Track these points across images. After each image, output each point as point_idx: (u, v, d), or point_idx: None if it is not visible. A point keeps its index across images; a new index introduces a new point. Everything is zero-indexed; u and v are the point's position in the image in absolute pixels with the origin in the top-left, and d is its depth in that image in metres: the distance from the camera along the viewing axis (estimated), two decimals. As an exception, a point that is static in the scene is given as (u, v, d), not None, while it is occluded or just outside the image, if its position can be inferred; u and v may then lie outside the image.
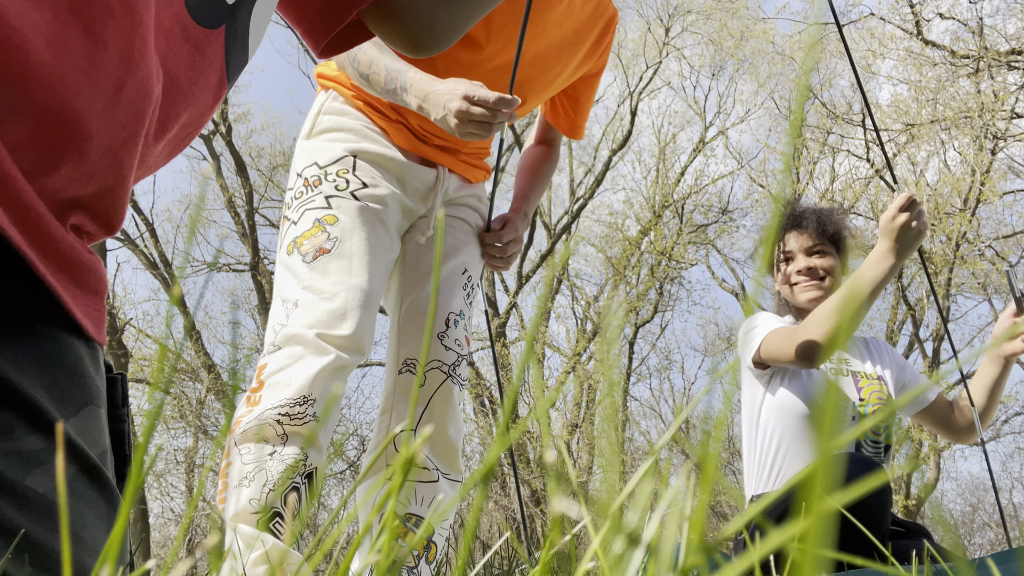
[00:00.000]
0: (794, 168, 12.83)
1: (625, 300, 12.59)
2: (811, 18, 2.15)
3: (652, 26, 12.86)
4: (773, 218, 0.20)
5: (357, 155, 1.42)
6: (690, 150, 13.69)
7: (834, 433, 0.15)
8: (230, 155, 11.76)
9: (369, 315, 1.30)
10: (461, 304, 1.50)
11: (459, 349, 1.46)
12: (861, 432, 0.22)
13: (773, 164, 13.11)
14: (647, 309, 13.51)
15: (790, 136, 0.20)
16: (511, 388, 0.21)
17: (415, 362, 1.43)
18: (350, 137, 1.44)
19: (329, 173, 1.39)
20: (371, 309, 1.31)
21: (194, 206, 0.30)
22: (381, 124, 1.47)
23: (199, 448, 11.45)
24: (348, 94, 1.49)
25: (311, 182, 1.39)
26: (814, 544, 0.15)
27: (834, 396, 0.16)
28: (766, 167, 12.84)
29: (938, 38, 9.53)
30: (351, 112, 1.48)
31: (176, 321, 11.47)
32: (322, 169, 1.40)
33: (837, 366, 0.24)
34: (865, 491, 0.17)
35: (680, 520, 0.24)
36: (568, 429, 12.59)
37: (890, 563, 1.76)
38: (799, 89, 0.17)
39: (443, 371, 1.42)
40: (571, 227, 12.92)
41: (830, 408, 0.15)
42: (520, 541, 1.83)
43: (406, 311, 1.47)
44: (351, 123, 1.46)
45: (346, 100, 1.49)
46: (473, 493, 0.22)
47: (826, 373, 1.88)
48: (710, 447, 0.20)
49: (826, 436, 0.15)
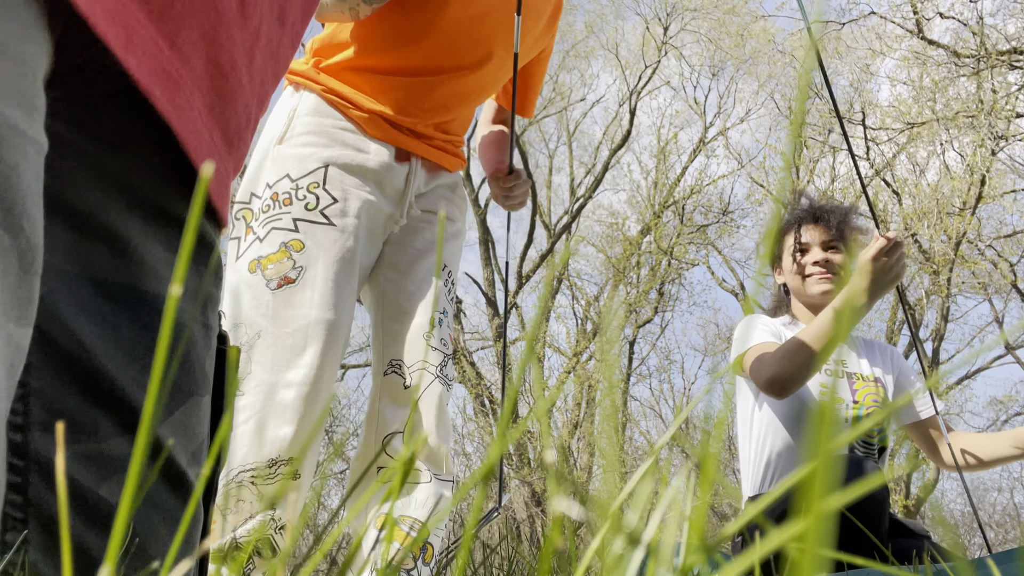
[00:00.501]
0: (794, 167, 12.83)
1: (625, 300, 12.59)
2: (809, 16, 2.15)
3: (650, 25, 12.87)
4: (774, 217, 0.20)
5: (330, 165, 1.39)
6: (690, 150, 13.70)
7: (830, 436, 0.15)
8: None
9: (332, 348, 1.30)
10: (444, 302, 1.50)
11: (445, 349, 1.46)
12: (855, 436, 0.22)
13: (774, 163, 13.10)
14: (647, 309, 13.51)
15: (791, 135, 0.20)
16: (511, 388, 0.21)
17: (400, 363, 1.42)
18: (322, 142, 1.41)
19: (300, 188, 1.36)
20: (335, 341, 1.30)
21: (193, 203, 0.30)
22: (355, 117, 1.45)
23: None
24: (318, 88, 1.46)
25: (281, 198, 1.36)
26: (813, 544, 0.15)
27: (831, 399, 0.16)
28: (766, 166, 12.83)
29: (938, 37, 9.52)
30: (324, 110, 1.44)
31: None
32: (294, 183, 1.37)
33: (834, 368, 0.24)
34: (860, 493, 0.17)
35: (680, 520, 0.24)
36: (568, 429, 12.59)
37: (890, 563, 1.76)
38: (800, 88, 0.17)
39: (431, 372, 1.42)
40: (571, 227, 12.92)
41: (828, 409, 0.15)
42: (520, 541, 1.83)
43: (388, 311, 1.46)
44: (325, 124, 1.43)
45: (319, 95, 1.46)
46: (473, 493, 0.22)
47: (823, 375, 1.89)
48: (710, 447, 0.20)
49: (823, 438, 0.15)
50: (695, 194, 13.46)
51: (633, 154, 14.40)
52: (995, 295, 11.37)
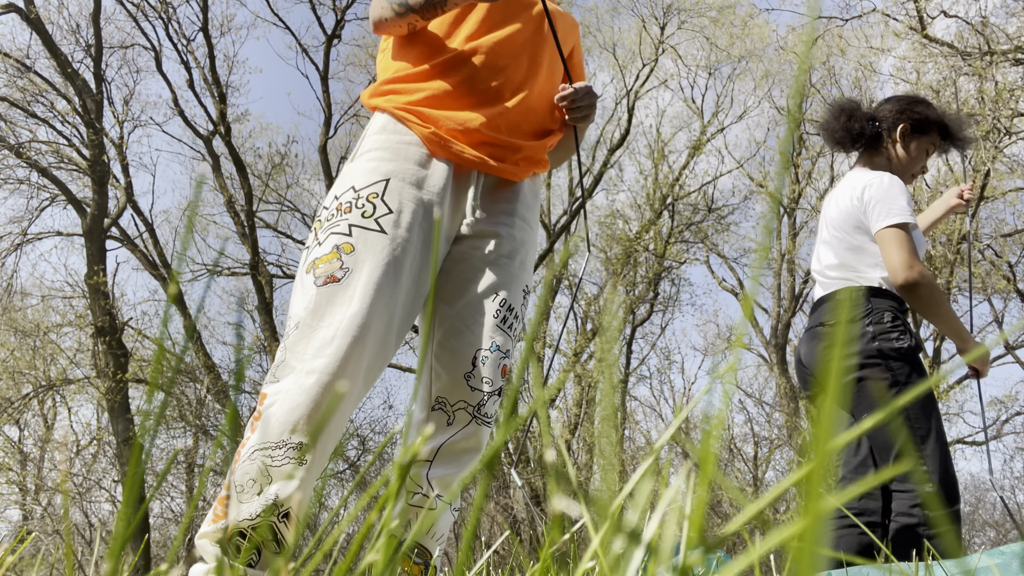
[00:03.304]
0: (793, 167, 12.83)
1: (625, 299, 12.59)
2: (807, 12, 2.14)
3: (647, 24, 12.86)
4: (771, 216, 0.20)
5: (392, 178, 1.46)
6: (689, 149, 13.69)
7: (828, 436, 0.15)
8: (229, 156, 11.76)
9: (359, 345, 1.31)
10: (492, 337, 1.47)
11: (485, 387, 1.45)
12: (854, 436, 0.22)
13: (772, 162, 13.10)
14: (644, 309, 13.50)
15: (787, 133, 0.20)
16: (511, 388, 0.21)
17: (445, 400, 1.45)
18: (387, 156, 1.48)
19: (361, 197, 1.43)
20: (364, 339, 1.32)
21: (192, 205, 0.30)
22: (419, 132, 1.51)
23: (199, 448, 11.45)
24: (389, 107, 1.55)
25: (343, 207, 1.44)
26: (812, 543, 0.15)
27: (830, 396, 0.16)
28: (764, 166, 12.83)
29: (941, 35, 9.52)
30: (392, 127, 1.52)
31: (175, 321, 11.47)
32: (356, 193, 1.44)
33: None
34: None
35: (680, 519, 0.24)
36: (568, 428, 12.59)
37: (889, 560, 1.77)
38: (796, 86, 0.17)
39: (468, 412, 1.43)
40: (570, 226, 12.92)
41: (826, 409, 0.15)
42: (520, 540, 1.82)
43: (437, 348, 1.48)
44: (391, 140, 1.50)
45: (390, 113, 1.55)
46: (473, 493, 0.22)
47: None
48: (710, 447, 0.20)
49: (821, 438, 0.15)
50: (692, 193, 13.45)
51: (632, 154, 14.38)
52: (994, 295, 11.37)
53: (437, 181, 1.48)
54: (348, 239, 1.39)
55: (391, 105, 1.54)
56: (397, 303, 1.39)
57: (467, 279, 1.50)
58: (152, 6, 11.48)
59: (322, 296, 1.35)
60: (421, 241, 1.44)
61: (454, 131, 1.51)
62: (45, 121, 11.13)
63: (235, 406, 0.45)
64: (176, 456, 0.50)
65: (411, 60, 1.59)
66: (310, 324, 1.32)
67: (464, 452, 1.42)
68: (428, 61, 1.57)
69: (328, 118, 12.25)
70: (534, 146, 1.60)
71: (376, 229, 1.40)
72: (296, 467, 1.24)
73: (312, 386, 1.26)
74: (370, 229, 1.40)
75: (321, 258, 1.38)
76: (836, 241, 2.27)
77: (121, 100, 11.80)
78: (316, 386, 1.26)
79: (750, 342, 13.86)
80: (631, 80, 13.13)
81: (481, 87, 1.55)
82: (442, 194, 1.48)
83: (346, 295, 1.34)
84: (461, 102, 1.54)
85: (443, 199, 1.48)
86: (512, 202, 1.58)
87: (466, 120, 1.52)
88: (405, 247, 1.41)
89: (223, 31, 13.46)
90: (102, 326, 10.21)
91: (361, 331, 1.32)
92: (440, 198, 1.47)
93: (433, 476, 1.40)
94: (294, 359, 1.30)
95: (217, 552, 1.19)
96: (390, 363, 1.45)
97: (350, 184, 1.46)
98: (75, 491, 10.81)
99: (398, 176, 1.46)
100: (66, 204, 11.12)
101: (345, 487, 11.10)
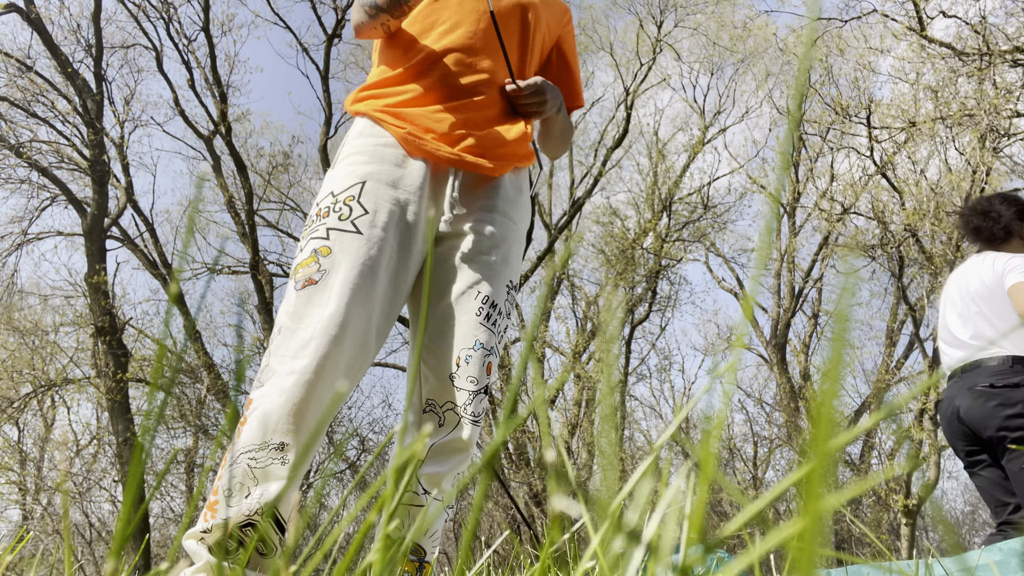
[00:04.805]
0: (792, 166, 12.83)
1: (625, 298, 12.59)
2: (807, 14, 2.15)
3: (644, 22, 12.86)
4: (770, 217, 0.20)
5: (367, 179, 1.48)
6: (689, 149, 13.69)
7: (828, 436, 0.15)
8: (230, 156, 11.76)
9: (338, 344, 1.33)
10: (475, 335, 1.47)
11: (470, 386, 1.45)
12: (853, 437, 0.22)
13: (772, 162, 13.10)
14: (643, 308, 13.50)
15: (788, 132, 0.20)
16: (511, 387, 0.21)
17: (434, 402, 1.46)
18: (363, 159, 1.50)
19: (338, 201, 1.46)
20: (342, 337, 1.33)
21: (193, 204, 0.30)
22: (395, 133, 1.52)
23: (199, 448, 11.45)
24: (366, 109, 1.57)
25: (322, 212, 1.46)
26: (812, 543, 0.15)
27: (826, 399, 0.16)
28: (765, 166, 12.83)
29: (940, 36, 9.51)
30: (369, 131, 1.54)
31: (175, 321, 11.47)
32: (335, 197, 1.46)
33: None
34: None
35: (680, 519, 0.24)
36: (568, 428, 12.59)
37: (888, 559, 1.76)
38: (797, 87, 0.17)
39: (456, 412, 1.44)
40: (570, 226, 12.91)
41: (826, 408, 0.15)
42: (520, 540, 1.82)
43: (423, 352, 1.49)
44: (368, 143, 1.52)
45: (368, 117, 1.57)
46: (472, 492, 0.22)
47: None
48: (710, 447, 0.20)
49: (821, 438, 0.15)
50: (693, 193, 13.45)
51: (631, 154, 14.38)
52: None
53: (414, 180, 1.49)
54: (325, 242, 1.41)
55: (369, 108, 1.57)
56: (375, 302, 1.40)
57: (447, 280, 1.51)
58: (153, 6, 11.48)
59: (301, 299, 1.37)
60: (397, 240, 1.45)
61: (429, 129, 1.52)
62: (46, 121, 11.13)
63: (235, 406, 0.45)
64: (176, 456, 0.50)
65: (389, 63, 1.62)
66: (290, 327, 1.34)
67: (453, 451, 1.43)
68: (403, 64, 1.59)
69: (328, 118, 12.25)
70: (512, 141, 1.60)
71: (352, 230, 1.42)
72: (280, 467, 1.25)
73: (292, 387, 1.27)
74: (346, 231, 1.42)
75: (301, 263, 1.41)
76: (980, 314, 2.78)
77: (122, 100, 11.81)
78: (296, 386, 1.27)
79: (750, 342, 13.85)
80: (629, 80, 13.13)
81: (455, 84, 1.56)
82: (419, 192, 1.49)
83: (323, 296, 1.36)
84: (436, 101, 1.56)
85: (420, 197, 1.49)
86: (491, 198, 1.57)
87: (441, 118, 1.53)
88: (381, 246, 1.42)
89: (224, 31, 13.45)
90: (102, 326, 10.21)
91: (340, 330, 1.33)
92: (417, 196, 1.48)
93: (422, 474, 1.42)
94: (276, 362, 1.32)
95: (201, 551, 1.21)
96: (390, 364, 1.45)
97: (329, 190, 1.48)
98: (75, 491, 10.81)
99: (374, 178, 1.48)
100: (66, 204, 11.12)
101: (345, 487, 11.09)
